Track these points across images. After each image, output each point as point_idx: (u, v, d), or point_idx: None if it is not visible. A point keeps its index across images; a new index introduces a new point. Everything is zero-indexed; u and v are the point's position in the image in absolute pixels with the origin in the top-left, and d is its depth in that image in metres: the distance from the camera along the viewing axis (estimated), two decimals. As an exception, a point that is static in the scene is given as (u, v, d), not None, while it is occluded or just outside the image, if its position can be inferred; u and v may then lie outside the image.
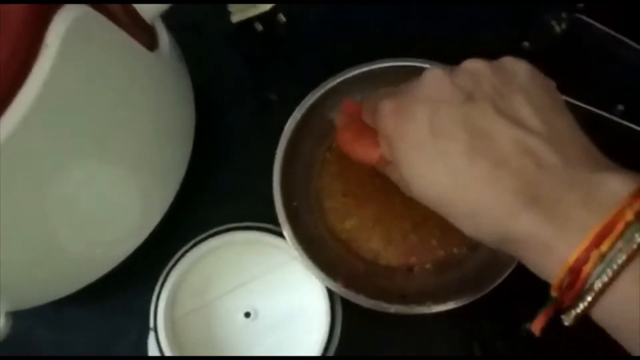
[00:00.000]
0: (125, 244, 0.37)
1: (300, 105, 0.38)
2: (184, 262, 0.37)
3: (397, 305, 0.36)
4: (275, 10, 0.44)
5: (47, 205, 0.29)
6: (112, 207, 0.34)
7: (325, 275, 0.36)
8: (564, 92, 0.29)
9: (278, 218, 0.37)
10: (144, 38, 0.32)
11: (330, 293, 0.37)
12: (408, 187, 0.27)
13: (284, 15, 0.44)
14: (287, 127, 0.38)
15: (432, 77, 0.26)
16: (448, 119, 0.25)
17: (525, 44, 0.43)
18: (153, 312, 0.37)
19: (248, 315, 0.38)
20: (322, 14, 0.46)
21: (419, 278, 0.39)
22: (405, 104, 0.26)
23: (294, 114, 0.38)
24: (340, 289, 0.36)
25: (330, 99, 0.39)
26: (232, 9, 0.43)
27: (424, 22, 0.46)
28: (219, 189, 0.43)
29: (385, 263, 0.39)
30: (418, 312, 0.35)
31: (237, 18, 0.43)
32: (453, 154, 0.24)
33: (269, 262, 0.39)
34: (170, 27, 0.36)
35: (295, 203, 0.38)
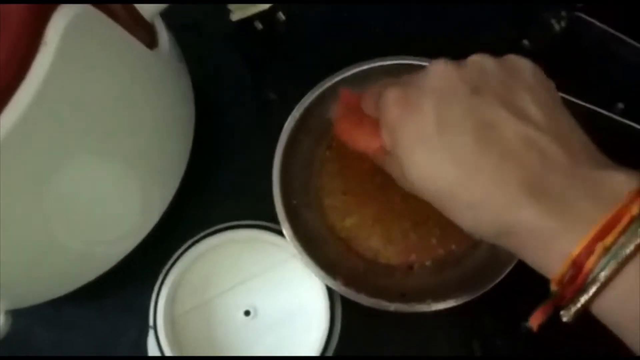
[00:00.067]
0: (125, 243, 0.37)
1: (300, 104, 0.38)
2: (184, 260, 0.37)
3: (397, 304, 0.36)
4: (275, 9, 0.44)
5: (46, 203, 0.29)
6: (111, 205, 0.34)
7: (325, 274, 0.36)
8: (564, 90, 0.29)
9: (277, 216, 0.37)
10: (144, 36, 0.32)
11: (330, 291, 0.37)
12: (407, 179, 0.27)
13: (284, 14, 0.44)
14: (286, 125, 0.38)
15: (438, 69, 0.26)
16: (455, 111, 0.25)
17: (525, 43, 0.43)
18: (153, 310, 0.37)
19: (248, 314, 0.38)
20: (322, 14, 0.46)
21: (419, 276, 0.39)
22: (412, 94, 0.26)
23: (293, 113, 0.38)
24: (340, 287, 0.36)
25: (330, 98, 0.39)
26: (231, 8, 0.43)
27: (424, 22, 0.46)
28: (219, 188, 0.43)
29: (385, 261, 0.39)
30: (418, 310, 0.35)
31: (236, 16, 0.43)
32: (458, 145, 0.24)
33: (269, 260, 0.39)
34: (170, 26, 0.36)
35: (295, 201, 0.38)
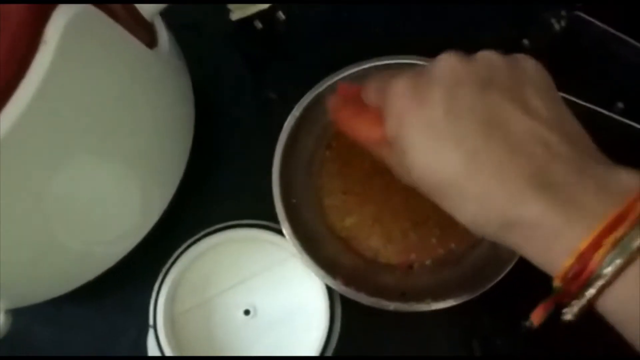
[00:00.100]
0: (125, 242, 0.37)
1: (300, 103, 0.38)
2: (184, 259, 0.37)
3: (396, 303, 0.36)
4: (275, 8, 0.44)
5: (45, 203, 0.29)
6: (111, 204, 0.34)
7: (325, 273, 0.36)
8: (564, 89, 0.29)
9: (277, 215, 0.37)
10: (144, 35, 0.32)
11: (330, 290, 0.37)
12: (408, 170, 0.26)
13: (283, 13, 0.44)
14: (286, 124, 0.38)
15: (448, 60, 0.26)
16: (464, 103, 0.25)
17: (525, 42, 0.43)
18: (152, 309, 0.37)
19: (247, 313, 0.38)
20: (322, 14, 0.46)
21: (419, 276, 0.39)
22: (421, 84, 0.26)
23: (293, 112, 0.38)
24: (340, 287, 0.36)
25: (330, 97, 0.39)
26: (231, 7, 0.43)
27: (424, 22, 0.46)
28: (219, 188, 0.43)
29: (385, 261, 0.39)
30: (418, 309, 0.35)
31: (236, 16, 0.43)
32: (466, 136, 0.24)
33: (269, 259, 0.39)
34: (170, 26, 0.36)
35: (295, 200, 0.38)
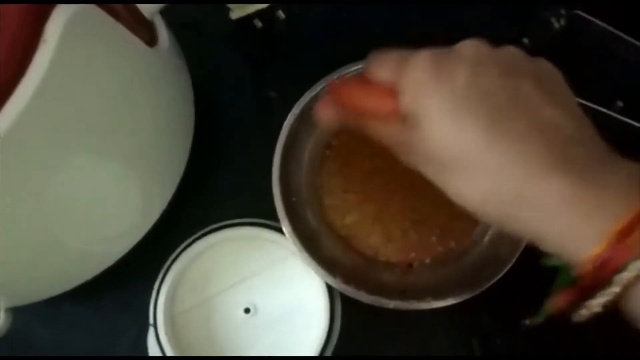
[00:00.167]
0: (124, 241, 0.37)
1: (299, 102, 0.38)
2: (184, 258, 0.37)
3: (396, 301, 0.36)
4: (275, 7, 0.44)
5: (45, 201, 0.29)
6: (110, 203, 0.34)
7: (325, 271, 0.36)
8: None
9: (277, 214, 0.37)
10: (144, 33, 0.32)
11: (330, 289, 0.37)
12: (418, 146, 0.25)
13: (283, 12, 0.45)
14: (286, 123, 0.38)
15: (474, 43, 0.26)
16: (488, 81, 0.25)
17: (525, 41, 0.43)
18: (153, 308, 0.37)
19: (248, 311, 0.38)
20: (322, 14, 0.46)
21: (419, 274, 0.39)
22: (444, 60, 0.26)
23: (293, 111, 0.38)
24: (340, 285, 0.36)
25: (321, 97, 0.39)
26: (231, 6, 0.43)
27: (424, 22, 0.46)
28: (218, 187, 0.43)
29: (385, 259, 0.39)
30: (418, 308, 0.35)
31: (236, 15, 0.43)
32: (487, 108, 0.24)
33: (269, 258, 0.39)
34: (170, 25, 0.36)
35: (295, 199, 0.38)
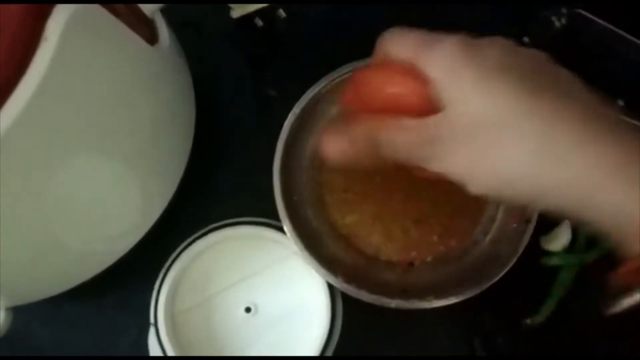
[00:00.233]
0: (125, 240, 0.37)
1: (300, 101, 0.38)
2: (184, 257, 0.37)
3: (398, 300, 0.36)
4: (275, 6, 0.44)
5: (46, 201, 0.29)
6: (111, 202, 0.33)
7: (326, 271, 0.36)
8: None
9: (278, 213, 0.37)
10: (144, 32, 0.31)
11: (331, 288, 0.37)
12: (446, 132, 0.25)
13: (284, 11, 0.44)
14: (286, 122, 0.38)
15: (500, 38, 0.26)
16: (521, 61, 0.25)
17: (526, 40, 0.43)
18: (153, 307, 0.37)
19: (249, 311, 0.38)
20: (322, 14, 0.46)
21: (420, 273, 0.39)
22: (476, 41, 0.26)
23: (294, 110, 0.38)
24: (341, 284, 0.36)
25: (330, 94, 0.39)
26: (231, 5, 0.43)
27: (424, 22, 0.45)
28: (219, 186, 0.43)
29: (386, 258, 0.39)
30: (419, 307, 0.35)
31: (237, 14, 0.43)
32: (524, 78, 0.24)
33: (270, 257, 0.39)
34: (171, 24, 0.36)
35: (296, 197, 0.38)
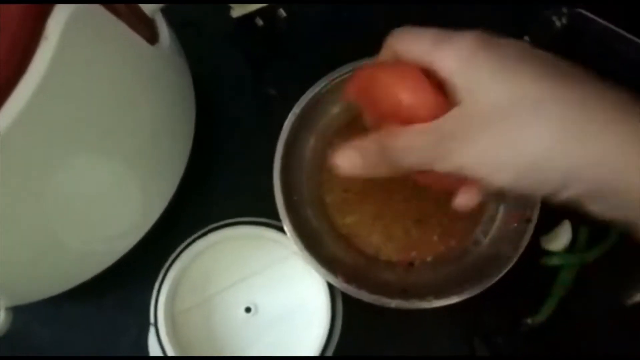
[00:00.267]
0: (125, 240, 0.36)
1: (300, 101, 0.38)
2: (184, 257, 0.37)
3: (398, 300, 0.35)
4: (275, 6, 0.44)
5: (46, 201, 0.29)
6: (111, 202, 0.33)
7: (326, 271, 0.36)
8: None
9: (278, 213, 0.36)
10: (145, 31, 0.31)
11: (331, 288, 0.37)
12: (463, 125, 0.25)
13: (284, 11, 0.44)
14: (286, 122, 0.38)
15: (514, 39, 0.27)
16: (538, 53, 0.25)
17: (526, 39, 0.43)
18: (153, 307, 0.37)
19: (249, 311, 0.38)
20: (322, 14, 0.46)
21: (420, 273, 0.39)
22: (492, 38, 0.26)
23: (294, 110, 0.38)
24: (341, 284, 0.36)
25: (330, 94, 0.39)
26: (232, 5, 0.43)
27: (424, 22, 0.45)
28: (219, 186, 0.43)
29: (386, 258, 0.39)
30: (419, 307, 0.35)
31: (237, 13, 0.43)
32: (542, 66, 0.25)
33: (270, 257, 0.39)
34: (171, 24, 0.36)
35: (296, 197, 0.38)
